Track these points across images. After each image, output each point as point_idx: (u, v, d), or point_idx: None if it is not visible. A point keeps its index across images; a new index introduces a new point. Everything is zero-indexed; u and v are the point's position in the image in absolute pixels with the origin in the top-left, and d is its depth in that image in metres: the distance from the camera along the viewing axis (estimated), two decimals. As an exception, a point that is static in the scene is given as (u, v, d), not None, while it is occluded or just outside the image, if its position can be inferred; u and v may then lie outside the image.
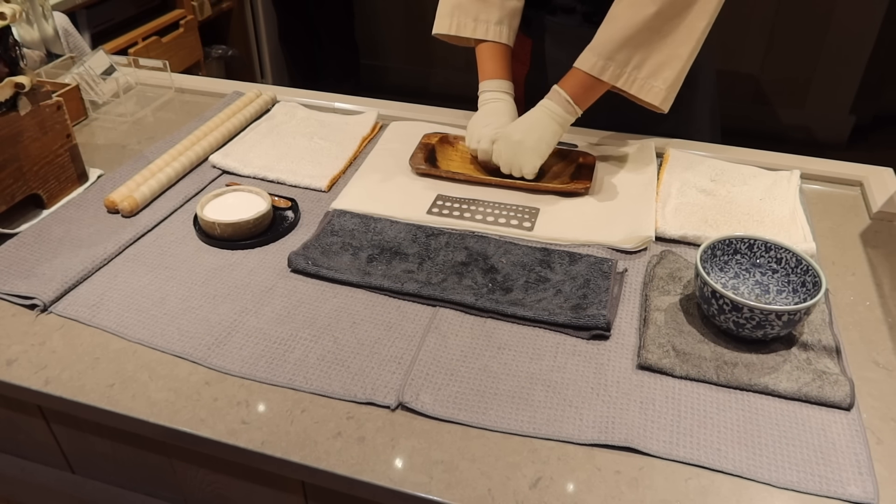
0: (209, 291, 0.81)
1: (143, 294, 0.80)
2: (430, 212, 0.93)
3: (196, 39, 2.51)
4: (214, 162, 1.05)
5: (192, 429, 0.65)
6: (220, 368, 0.71)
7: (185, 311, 0.78)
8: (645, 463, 0.62)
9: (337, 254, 0.85)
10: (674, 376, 0.70)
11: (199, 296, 0.80)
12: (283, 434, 0.64)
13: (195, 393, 0.68)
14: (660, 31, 0.91)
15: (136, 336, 0.75)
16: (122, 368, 0.71)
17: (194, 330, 0.75)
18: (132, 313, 0.77)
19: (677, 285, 0.80)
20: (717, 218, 0.93)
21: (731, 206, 0.95)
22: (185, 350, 0.73)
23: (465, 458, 0.62)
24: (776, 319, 0.68)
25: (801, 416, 0.66)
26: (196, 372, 0.71)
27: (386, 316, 0.77)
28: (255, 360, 0.72)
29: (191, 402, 0.68)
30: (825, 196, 1.01)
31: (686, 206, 0.95)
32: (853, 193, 1.02)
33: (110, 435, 0.76)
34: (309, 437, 0.64)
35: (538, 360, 0.72)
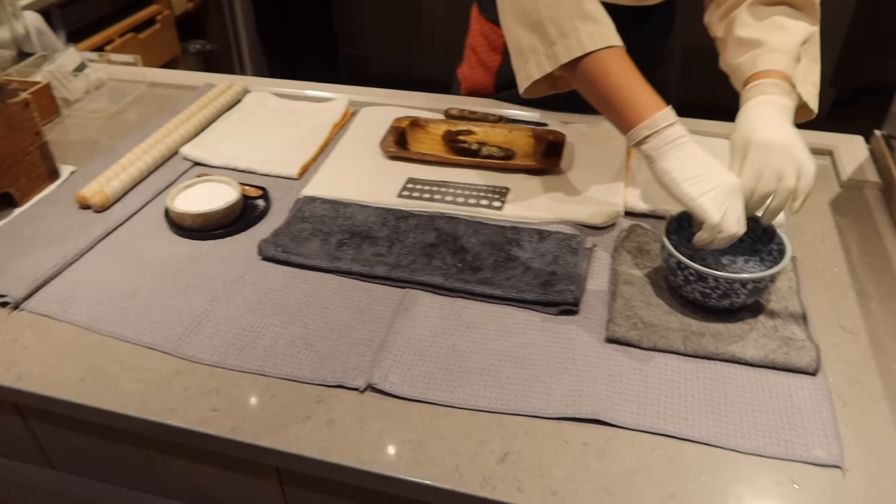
0: (180, 282, 0.81)
1: (115, 287, 0.80)
2: (401, 195, 0.93)
3: (173, 34, 2.50)
4: (185, 154, 1.04)
5: (163, 418, 0.65)
6: (190, 358, 0.71)
7: (157, 302, 0.78)
8: (612, 434, 0.63)
9: (307, 240, 0.85)
10: (641, 348, 0.70)
11: (170, 287, 0.80)
12: (254, 420, 0.65)
13: (166, 383, 0.69)
14: None
15: (107, 329, 0.75)
16: (94, 362, 0.71)
17: (165, 321, 0.75)
18: (103, 307, 0.77)
19: (645, 258, 0.80)
20: (688, 191, 0.93)
21: (702, 178, 0.95)
22: (155, 341, 0.73)
23: (434, 437, 0.63)
24: (741, 288, 0.69)
25: (767, 383, 0.67)
26: (167, 362, 0.71)
27: (356, 300, 0.77)
28: (225, 349, 0.72)
29: (161, 392, 0.68)
30: (796, 166, 1.01)
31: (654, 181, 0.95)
32: (824, 163, 1.02)
33: (87, 429, 0.77)
34: (279, 422, 0.64)
35: (507, 337, 0.72)
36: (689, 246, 0.79)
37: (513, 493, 0.58)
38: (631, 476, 0.59)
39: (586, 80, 0.78)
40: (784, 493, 0.58)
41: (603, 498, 0.58)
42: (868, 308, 0.76)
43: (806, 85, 0.82)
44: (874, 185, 0.96)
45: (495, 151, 1.01)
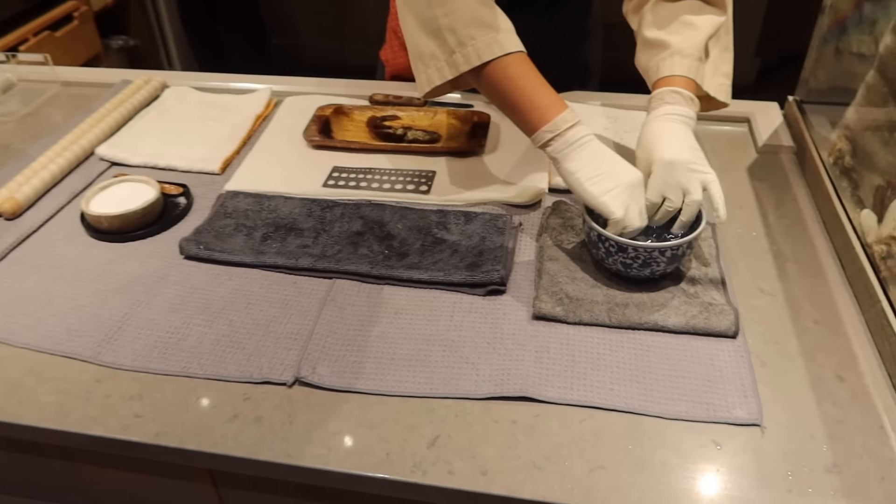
0: (99, 287, 0.78)
1: (29, 297, 0.77)
2: (326, 184, 0.92)
3: (93, 31, 2.40)
4: (101, 154, 1.01)
5: (84, 429, 0.63)
6: (111, 364, 0.69)
7: (74, 309, 0.75)
8: (541, 410, 0.63)
9: (230, 236, 0.83)
10: (567, 323, 0.71)
11: (88, 293, 0.77)
12: (179, 423, 0.63)
13: (86, 392, 0.66)
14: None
15: (21, 341, 0.72)
16: (8, 375, 0.68)
17: (84, 328, 0.73)
18: (17, 318, 0.74)
19: (570, 234, 0.81)
20: (612, 165, 0.94)
21: (625, 152, 0.97)
22: (74, 349, 0.70)
23: (363, 426, 0.62)
24: (660, 256, 0.70)
25: (690, 349, 0.68)
26: (87, 371, 0.69)
27: (282, 293, 0.76)
28: (147, 353, 0.70)
29: (81, 401, 0.66)
30: (715, 134, 1.04)
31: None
32: (741, 130, 1.05)
33: (7, 445, 0.74)
34: (205, 423, 0.63)
35: (435, 321, 0.72)
36: (612, 219, 0.80)
37: (444, 477, 0.58)
38: (559, 450, 0.60)
39: (487, 87, 0.78)
40: (707, 454, 0.60)
41: (532, 474, 0.58)
42: (784, 269, 0.78)
43: (717, 77, 0.84)
44: (789, 149, 0.98)
45: (420, 135, 1.00)
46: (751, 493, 0.57)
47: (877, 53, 0.81)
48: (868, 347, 0.69)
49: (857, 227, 0.79)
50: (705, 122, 1.06)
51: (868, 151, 0.81)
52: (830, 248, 0.82)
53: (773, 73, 2.97)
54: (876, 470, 0.58)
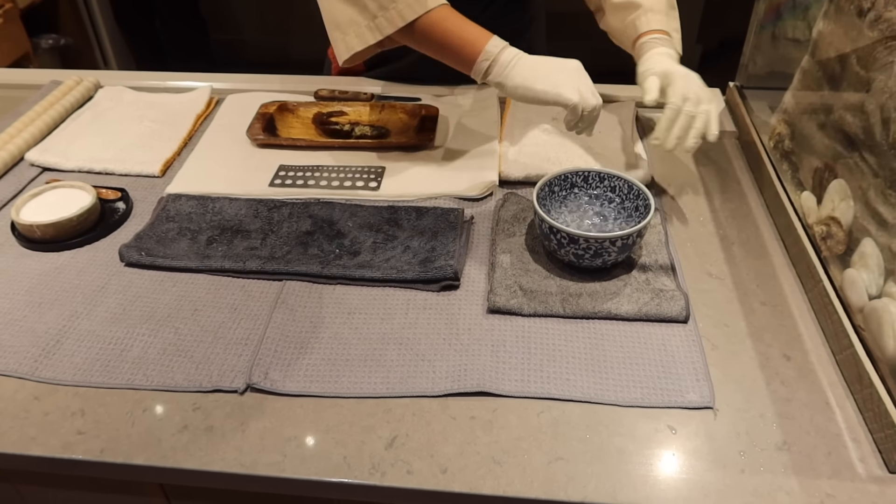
0: (34, 300, 0.74)
1: (-43, 313, 0.73)
2: (273, 184, 0.90)
3: (20, 29, 2.30)
4: (32, 159, 0.96)
5: (21, 450, 0.60)
6: (49, 380, 0.66)
7: (7, 324, 0.71)
8: (499, 405, 0.63)
9: (174, 240, 0.81)
10: (522, 315, 0.71)
11: (22, 306, 0.73)
12: (125, 438, 0.61)
13: (23, 411, 0.63)
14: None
15: (-50, 360, 0.68)
16: (-62, 397, 0.65)
17: (18, 343, 0.69)
18: (-55, 336, 0.70)
19: (522, 226, 0.81)
20: (559, 155, 0.94)
21: (572, 141, 0.97)
22: (8, 366, 0.67)
23: (319, 430, 0.61)
24: (611, 246, 0.70)
25: (643, 335, 0.69)
26: (23, 388, 0.65)
27: (230, 298, 0.74)
28: (88, 366, 0.67)
29: (18, 420, 0.62)
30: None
31: (528, 148, 0.96)
32: (686, 116, 1.06)
33: (-59, 471, 0.70)
34: (153, 436, 0.61)
35: (389, 319, 0.71)
36: (562, 210, 0.80)
37: (402, 477, 0.57)
38: (518, 443, 0.60)
39: (416, 42, 0.82)
40: (662, 439, 0.60)
41: (492, 468, 0.58)
42: (731, 253, 0.80)
43: (673, 33, 0.91)
44: (731, 134, 1.00)
45: (368, 131, 0.99)
46: (706, 475, 0.58)
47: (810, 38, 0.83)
48: (812, 325, 0.71)
49: (798, 209, 0.81)
50: (650, 109, 1.07)
51: (806, 135, 0.83)
52: (774, 230, 0.83)
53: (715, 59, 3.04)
54: (823, 445, 0.60)
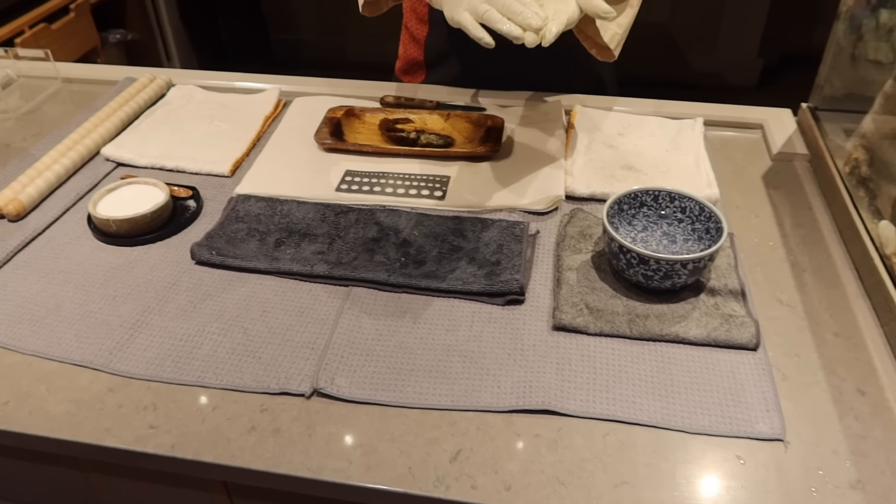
0: (108, 293, 0.76)
1: (36, 302, 0.75)
2: (339, 189, 0.91)
3: (90, 24, 2.37)
4: (107, 154, 0.99)
5: (97, 440, 0.62)
6: (123, 373, 0.67)
7: (83, 316, 0.74)
8: (563, 424, 0.63)
9: (243, 241, 0.82)
10: (588, 334, 0.70)
11: (97, 298, 0.76)
12: (195, 434, 0.62)
13: (98, 402, 0.65)
14: None
15: (30, 348, 0.70)
16: (17, 384, 0.67)
17: (94, 335, 0.71)
18: (25, 324, 0.73)
19: (588, 243, 0.80)
20: (625, 172, 0.93)
21: (638, 158, 0.96)
22: (84, 357, 0.69)
23: (384, 439, 0.61)
24: (682, 268, 0.69)
25: (711, 361, 0.68)
26: (98, 379, 0.67)
27: (297, 301, 0.75)
28: (160, 361, 0.68)
29: (94, 411, 0.64)
30: (728, 141, 1.03)
31: (593, 163, 0.95)
32: (755, 137, 1.04)
33: (17, 455, 0.72)
34: (222, 435, 0.62)
35: (454, 331, 0.71)
36: (630, 229, 0.79)
37: (467, 492, 0.57)
38: (583, 465, 0.59)
39: None
40: (730, 469, 0.59)
41: (556, 489, 0.57)
42: (802, 280, 0.78)
43: (611, 25, 0.90)
44: (803, 157, 0.98)
45: (434, 139, 0.99)
46: (777, 510, 0.56)
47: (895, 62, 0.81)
48: (888, 360, 0.69)
49: (874, 239, 0.78)
50: (718, 127, 1.05)
51: (886, 162, 0.81)
52: (848, 258, 0.81)
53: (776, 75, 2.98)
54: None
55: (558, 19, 0.71)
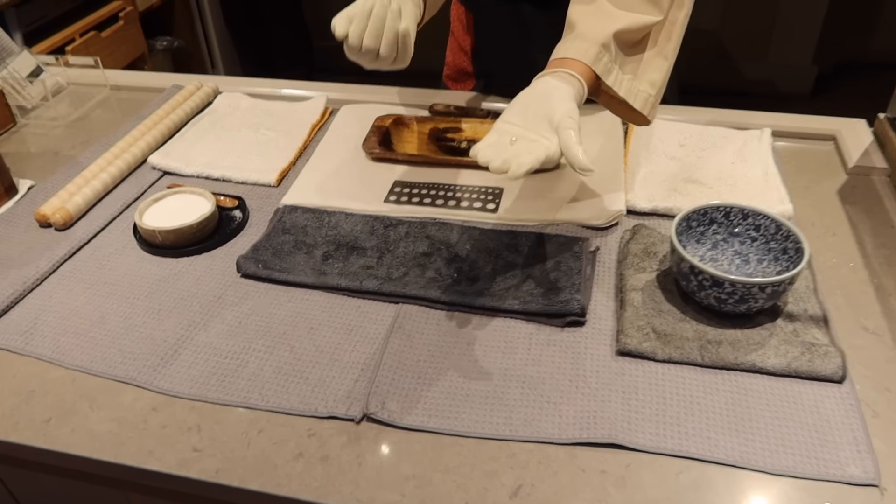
0: (153, 306, 0.74)
1: (81, 314, 0.74)
2: (388, 200, 0.87)
3: (138, 31, 2.40)
4: (154, 163, 0.97)
5: (139, 463, 0.59)
6: (167, 391, 0.65)
7: (128, 329, 0.71)
8: (632, 459, 0.58)
9: (289, 253, 0.79)
10: (655, 360, 0.66)
11: (142, 312, 0.74)
12: (240, 459, 0.59)
13: (141, 421, 0.63)
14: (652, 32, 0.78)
15: (74, 363, 0.68)
16: (60, 400, 0.65)
17: (138, 350, 0.69)
18: (69, 337, 0.71)
19: (653, 261, 0.75)
20: (688, 186, 0.88)
21: (702, 171, 0.91)
22: (128, 374, 0.67)
23: (439, 470, 0.57)
24: (759, 292, 0.64)
25: (792, 394, 0.62)
26: (141, 397, 0.65)
27: (345, 318, 0.72)
28: (205, 379, 0.66)
29: (137, 431, 0.62)
30: (798, 153, 0.97)
31: (654, 175, 0.90)
32: (826, 148, 0.98)
33: (57, 472, 0.70)
34: (268, 461, 0.59)
35: (511, 354, 0.67)
36: (699, 246, 0.74)
37: (529, 532, 0.53)
38: (655, 506, 0.54)
39: None
40: (820, 517, 0.54)
41: (627, 532, 0.53)
42: (889, 306, 0.72)
43: (639, 82, 0.77)
44: (882, 171, 0.91)
45: (485, 149, 0.95)
46: (875, 565, 0.51)
47: None
48: None
49: (969, 261, 0.72)
50: (786, 139, 0.99)
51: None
52: (937, 282, 0.75)
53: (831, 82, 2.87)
54: None
55: (521, 161, 0.63)
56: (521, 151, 0.65)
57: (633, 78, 0.77)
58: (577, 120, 0.67)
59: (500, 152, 0.65)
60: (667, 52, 0.78)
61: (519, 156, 0.64)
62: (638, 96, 0.77)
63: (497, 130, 0.68)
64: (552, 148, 0.65)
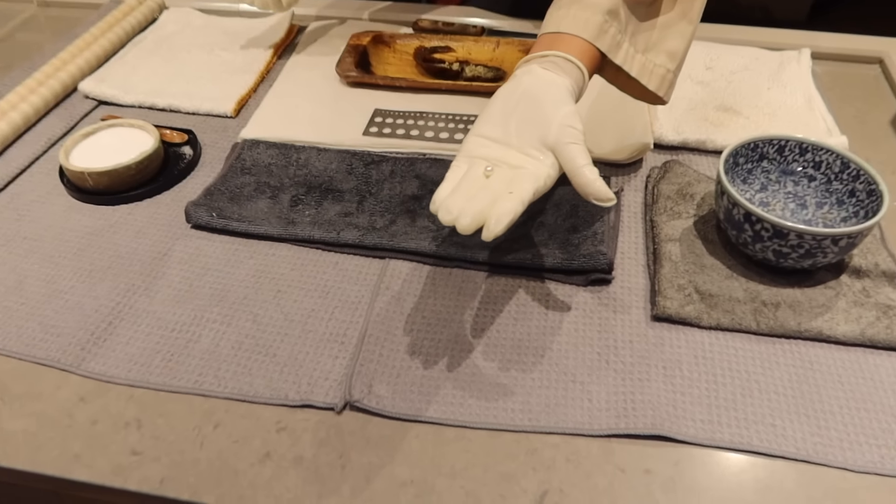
0: (83, 266, 0.61)
1: (-6, 277, 0.60)
2: (368, 132, 0.73)
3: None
4: (87, 91, 0.82)
5: (63, 472, 0.47)
6: (99, 376, 0.52)
7: (51, 297, 0.58)
8: (682, 455, 0.47)
9: (251, 198, 0.66)
10: (700, 327, 0.54)
11: (69, 274, 0.60)
12: (191, 464, 0.47)
13: (65, 416, 0.50)
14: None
15: (-18, 339, 0.55)
16: (-36, 387, 0.52)
17: (63, 324, 0.56)
18: (-22, 306, 0.57)
19: (689, 205, 0.63)
20: (721, 115, 0.75)
21: (735, 98, 0.78)
22: (51, 354, 0.53)
23: (443, 474, 0.46)
24: (832, 245, 0.52)
25: (867, 368, 0.51)
26: (67, 384, 0.52)
27: (320, 277, 0.59)
28: (147, 359, 0.53)
29: (59, 430, 0.49)
30: (840, 78, 0.85)
31: (682, 103, 0.77)
32: (872, 73, 0.86)
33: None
34: (226, 465, 0.47)
35: (524, 319, 0.55)
36: (747, 187, 0.62)
37: (560, 554, 0.42)
38: (715, 515, 0.44)
39: None
40: (917, 525, 0.43)
41: (682, 551, 0.42)
42: (967, 256, 0.61)
43: (654, 53, 0.58)
44: (940, 98, 0.79)
45: (482, 72, 0.81)
46: None
47: None
48: None
49: None
50: (824, 61, 0.86)
51: None
52: None
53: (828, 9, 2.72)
54: None
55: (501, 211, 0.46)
56: (499, 192, 0.47)
57: (647, 50, 0.58)
58: (581, 129, 0.50)
59: (469, 200, 0.47)
60: (692, 14, 0.59)
61: (498, 201, 0.46)
62: (654, 74, 0.58)
63: (466, 154, 0.51)
64: (543, 173, 0.49)
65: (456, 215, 0.46)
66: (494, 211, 0.46)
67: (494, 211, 0.46)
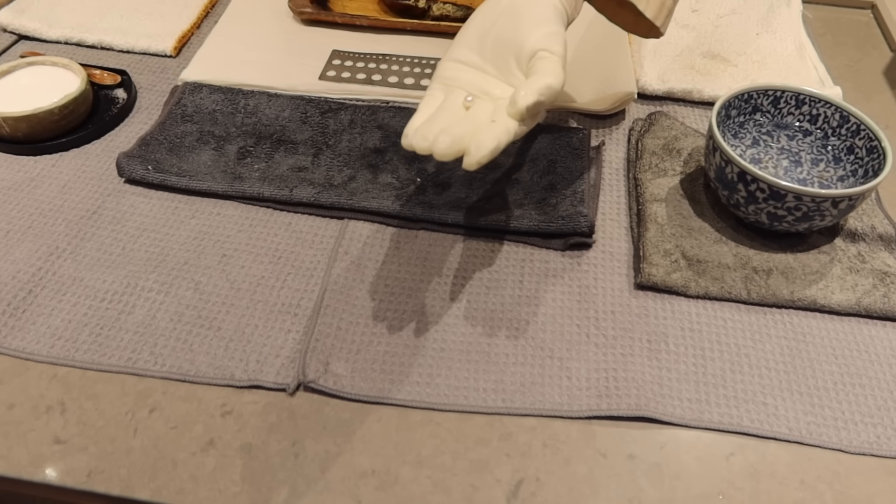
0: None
1: None
2: (325, 76, 0.66)
3: None
4: (4, 23, 0.72)
5: (-27, 463, 0.41)
6: (16, 352, 0.46)
7: (-38, 259, 0.51)
8: (668, 438, 0.43)
9: (192, 150, 0.59)
10: (688, 296, 0.50)
11: (-17, 233, 0.53)
12: (122, 454, 0.41)
13: (-23, 398, 0.44)
14: None
15: None
16: None
17: (-25, 290, 0.49)
18: None
19: (675, 161, 0.58)
20: (708, 62, 0.70)
21: (722, 44, 0.73)
22: (-40, 326, 0.47)
23: (408, 462, 0.41)
24: (831, 208, 0.48)
25: (863, 340, 0.48)
26: (-20, 361, 0.46)
27: (271, 240, 0.53)
28: (73, 333, 0.47)
29: (-30, 414, 0.43)
30: (831, 24, 0.80)
31: (665, 49, 0.72)
32: (864, 19, 0.81)
33: None
34: (164, 454, 0.41)
35: (497, 288, 0.50)
36: (738, 142, 0.57)
37: (537, 551, 0.38)
38: (702, 503, 0.40)
39: None
40: (915, 510, 0.41)
41: (668, 544, 0.39)
42: (963, 218, 0.58)
43: None
44: (934, 48, 0.75)
45: (451, 10, 0.74)
46: None
47: None
48: None
49: None
50: (813, 5, 0.81)
51: None
52: None
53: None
54: None
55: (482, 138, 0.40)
56: (482, 122, 0.41)
57: None
58: (561, 53, 0.43)
59: (447, 127, 0.40)
60: None
61: (480, 132, 0.40)
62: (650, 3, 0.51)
63: (440, 79, 0.45)
64: None
65: (433, 140, 0.39)
66: (477, 137, 0.39)
67: (477, 137, 0.39)
